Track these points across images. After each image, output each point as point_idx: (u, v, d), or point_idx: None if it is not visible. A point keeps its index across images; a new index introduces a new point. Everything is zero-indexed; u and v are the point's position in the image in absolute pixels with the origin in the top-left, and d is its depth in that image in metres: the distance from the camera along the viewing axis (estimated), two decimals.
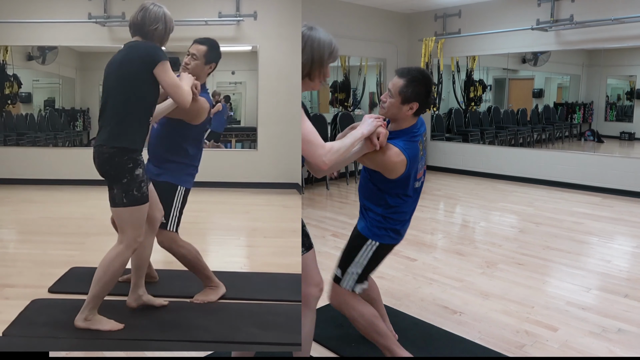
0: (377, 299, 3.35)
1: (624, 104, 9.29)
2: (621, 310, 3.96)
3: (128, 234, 2.99)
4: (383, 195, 2.87)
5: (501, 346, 3.38)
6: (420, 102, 2.74)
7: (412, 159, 2.76)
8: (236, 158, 8.74)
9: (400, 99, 2.72)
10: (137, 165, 2.96)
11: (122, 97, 2.94)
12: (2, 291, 3.75)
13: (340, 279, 2.97)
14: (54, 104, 9.18)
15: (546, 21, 8.75)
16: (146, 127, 3.03)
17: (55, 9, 8.18)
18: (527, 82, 10.41)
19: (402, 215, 2.92)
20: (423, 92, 2.73)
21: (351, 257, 2.94)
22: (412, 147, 2.77)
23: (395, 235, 2.94)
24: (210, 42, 3.41)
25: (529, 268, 4.84)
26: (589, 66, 9.33)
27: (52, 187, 8.14)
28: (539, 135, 10.15)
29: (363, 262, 2.92)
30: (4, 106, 8.61)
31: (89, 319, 3.03)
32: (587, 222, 6.57)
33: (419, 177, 2.91)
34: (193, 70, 3.33)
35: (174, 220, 3.45)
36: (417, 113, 2.79)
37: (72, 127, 9.11)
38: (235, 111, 9.35)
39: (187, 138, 3.44)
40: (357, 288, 2.98)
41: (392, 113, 2.79)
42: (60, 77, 9.14)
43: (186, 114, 3.30)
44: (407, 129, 2.81)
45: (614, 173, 8.35)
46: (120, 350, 2.97)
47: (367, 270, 2.96)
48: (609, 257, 5.19)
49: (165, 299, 3.53)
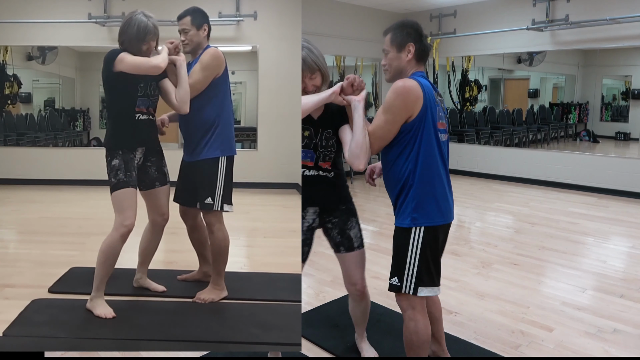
0: (439, 318, 3.03)
1: (620, 104, 9.30)
2: (616, 310, 3.98)
3: (115, 218, 3.22)
4: (405, 161, 2.56)
5: (497, 346, 3.40)
6: (415, 42, 2.58)
7: (428, 90, 2.51)
8: (236, 158, 8.69)
9: (394, 48, 2.61)
10: (114, 157, 3.24)
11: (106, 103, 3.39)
12: (2, 291, 3.77)
13: (398, 286, 2.63)
14: (54, 104, 9.17)
15: (541, 21, 8.80)
16: (123, 127, 3.29)
17: (55, 9, 8.18)
18: (523, 82, 10.44)
19: (432, 182, 2.56)
20: (413, 32, 2.59)
21: (401, 258, 2.61)
22: (423, 80, 2.56)
23: (436, 211, 2.57)
24: (190, 10, 3.46)
25: (525, 268, 4.87)
26: (585, 66, 9.35)
27: (52, 187, 8.15)
28: (534, 135, 10.17)
29: (415, 258, 2.58)
30: (4, 106, 8.62)
31: (92, 299, 3.29)
32: (583, 223, 6.60)
33: (441, 127, 2.59)
34: (191, 42, 3.42)
35: (218, 199, 3.43)
36: (418, 57, 2.61)
37: (72, 127, 9.11)
38: (235, 111, 9.36)
39: (204, 103, 3.43)
40: (423, 291, 2.61)
41: (395, 68, 2.63)
42: (60, 77, 9.13)
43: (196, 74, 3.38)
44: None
45: (610, 173, 8.39)
46: (124, 350, 3.00)
47: (425, 266, 2.59)
48: (604, 258, 5.22)
49: (166, 299, 3.57)
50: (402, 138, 2.53)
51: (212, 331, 3.16)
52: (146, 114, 3.33)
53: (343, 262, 2.97)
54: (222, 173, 3.43)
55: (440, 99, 2.65)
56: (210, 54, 3.38)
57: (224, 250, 3.51)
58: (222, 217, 3.49)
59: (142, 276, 3.71)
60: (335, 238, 2.92)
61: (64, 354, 3.11)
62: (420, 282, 2.58)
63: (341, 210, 2.90)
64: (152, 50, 3.27)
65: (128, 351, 3.04)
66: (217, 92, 3.43)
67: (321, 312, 3.90)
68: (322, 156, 2.78)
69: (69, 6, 8.21)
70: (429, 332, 2.68)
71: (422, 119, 2.49)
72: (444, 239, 2.71)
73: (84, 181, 8.23)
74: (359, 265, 2.96)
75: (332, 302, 4.11)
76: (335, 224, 2.90)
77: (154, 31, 3.22)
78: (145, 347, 2.99)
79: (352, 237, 2.91)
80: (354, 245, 2.91)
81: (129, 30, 3.18)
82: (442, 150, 2.60)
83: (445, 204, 2.61)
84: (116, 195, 3.21)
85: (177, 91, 3.31)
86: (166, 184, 3.55)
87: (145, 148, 3.41)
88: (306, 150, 2.78)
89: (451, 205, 2.68)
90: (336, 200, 2.91)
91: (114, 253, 3.23)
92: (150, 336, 3.08)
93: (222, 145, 3.44)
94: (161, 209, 3.53)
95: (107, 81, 3.22)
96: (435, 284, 2.63)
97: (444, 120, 2.63)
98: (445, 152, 2.65)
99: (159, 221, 3.55)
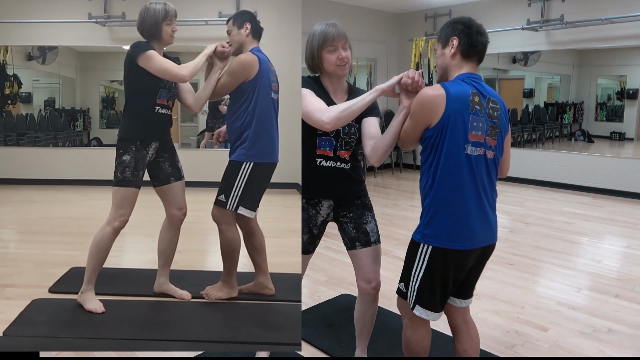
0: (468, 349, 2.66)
1: (614, 104, 9.33)
2: (611, 310, 4.00)
3: (110, 211, 3.27)
4: (428, 170, 2.36)
5: (491, 346, 3.41)
6: (459, 36, 2.35)
7: (457, 96, 2.26)
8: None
9: (440, 44, 2.43)
10: (126, 152, 3.27)
11: (125, 93, 3.35)
12: (3, 291, 3.77)
13: (404, 292, 2.50)
14: (54, 104, 9.18)
15: (536, 21, 8.82)
16: (142, 118, 3.31)
17: (55, 9, 8.20)
18: (518, 82, 10.45)
19: (450, 202, 2.30)
20: (459, 27, 2.37)
21: (407, 268, 2.46)
22: (459, 86, 2.31)
23: (449, 234, 2.31)
24: (233, 14, 3.46)
25: (520, 268, 4.89)
26: (580, 66, 9.39)
27: (52, 187, 8.16)
28: (529, 135, 10.19)
29: (419, 274, 2.40)
30: (4, 106, 8.64)
31: (82, 293, 3.35)
32: (578, 222, 6.64)
33: (475, 139, 2.28)
34: (234, 42, 3.38)
35: (234, 200, 3.36)
36: (464, 54, 2.37)
37: (72, 127, 9.12)
38: None
39: (236, 109, 3.36)
40: (419, 311, 2.44)
41: (441, 66, 2.45)
42: (61, 77, 9.15)
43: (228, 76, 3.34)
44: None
45: (605, 173, 8.43)
46: (125, 350, 3.02)
47: (428, 286, 2.39)
48: (599, 257, 5.25)
49: (166, 299, 3.58)
50: (426, 145, 2.35)
51: (211, 331, 3.16)
52: (165, 107, 3.36)
53: (358, 259, 2.84)
54: (243, 177, 3.33)
55: (489, 106, 2.33)
56: (238, 59, 3.29)
57: (232, 251, 3.46)
58: (233, 219, 3.41)
59: (165, 281, 3.65)
60: (351, 233, 2.81)
61: (57, 354, 3.11)
62: (420, 300, 2.42)
63: (356, 205, 2.81)
64: (176, 31, 3.31)
65: (128, 351, 3.05)
66: (247, 97, 3.31)
67: (316, 312, 3.91)
68: (343, 144, 2.70)
69: (69, 6, 8.23)
70: (425, 343, 2.55)
71: (442, 130, 2.26)
72: (459, 267, 2.39)
73: (84, 181, 8.26)
74: (375, 262, 2.84)
75: (327, 301, 4.12)
76: (350, 219, 2.81)
77: (173, 11, 3.27)
78: (145, 346, 3.00)
79: (369, 231, 2.81)
80: (370, 240, 2.81)
81: (147, 16, 3.22)
82: (472, 166, 2.28)
83: (466, 229, 2.31)
84: (118, 191, 3.25)
85: (199, 91, 3.36)
86: (181, 179, 3.55)
87: (159, 143, 3.43)
88: (325, 138, 2.68)
89: (478, 231, 2.34)
90: (352, 194, 2.81)
91: (105, 246, 3.28)
92: (150, 336, 3.08)
93: (249, 151, 3.31)
94: (178, 202, 3.53)
95: (129, 72, 3.25)
96: (434, 309, 2.42)
97: (482, 133, 2.29)
98: (481, 170, 2.31)
99: (178, 215, 3.54)
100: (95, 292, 3.38)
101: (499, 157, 2.42)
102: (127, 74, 3.27)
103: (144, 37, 3.27)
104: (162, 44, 3.32)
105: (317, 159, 2.72)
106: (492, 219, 2.40)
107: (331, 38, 2.62)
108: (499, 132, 2.37)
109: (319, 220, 2.82)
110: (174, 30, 3.30)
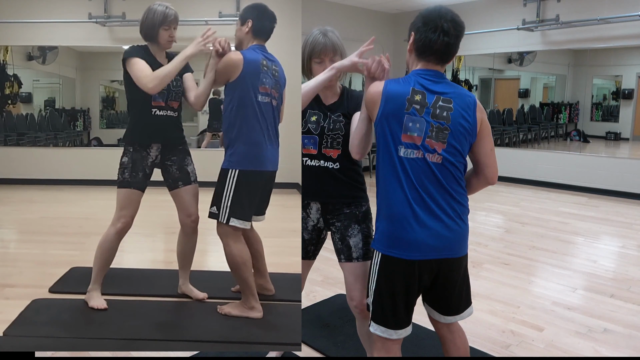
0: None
1: (610, 104, 9.38)
2: (607, 310, 3.99)
3: (114, 214, 3.32)
4: (377, 171, 2.25)
5: (487, 346, 3.40)
6: (415, 31, 2.21)
7: (393, 94, 2.11)
8: None
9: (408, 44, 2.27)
10: (125, 154, 3.32)
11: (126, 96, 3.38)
12: (3, 291, 3.77)
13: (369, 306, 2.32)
14: (54, 104, 9.19)
15: (532, 21, 8.83)
16: (139, 120, 3.33)
17: (55, 9, 8.20)
18: (513, 82, 10.48)
19: (389, 203, 2.14)
20: (417, 21, 2.21)
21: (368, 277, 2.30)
22: (399, 84, 2.15)
23: (388, 239, 2.14)
24: (243, 8, 3.29)
25: (515, 268, 4.89)
26: (575, 66, 9.41)
27: (52, 187, 8.16)
28: (524, 135, 10.21)
29: (372, 283, 2.23)
30: (4, 106, 8.64)
31: (89, 292, 3.39)
32: (573, 222, 6.65)
33: (409, 141, 2.08)
34: (235, 37, 3.24)
35: (224, 211, 3.16)
36: (419, 51, 2.21)
37: (72, 127, 9.13)
38: None
39: (224, 112, 3.23)
40: (374, 327, 2.25)
41: (406, 60, 2.36)
42: (61, 77, 9.16)
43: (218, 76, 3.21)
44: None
45: (600, 173, 8.44)
46: (125, 350, 3.03)
47: (377, 299, 2.22)
48: (594, 257, 5.25)
49: (166, 299, 3.59)
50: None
51: (211, 331, 3.15)
52: (165, 108, 3.31)
53: (343, 272, 2.68)
54: (230, 185, 3.12)
55: (437, 105, 2.10)
56: (224, 58, 3.12)
57: (236, 266, 3.22)
58: (233, 233, 3.19)
59: (184, 282, 3.61)
60: (337, 244, 2.66)
61: (53, 354, 3.12)
62: (374, 315, 2.24)
63: (345, 214, 2.61)
64: (174, 37, 3.30)
65: (128, 351, 3.06)
66: (231, 99, 3.14)
67: (311, 311, 3.89)
68: (328, 141, 2.56)
69: (69, 6, 8.23)
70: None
71: (378, 129, 2.15)
72: (408, 278, 2.15)
73: (84, 181, 8.27)
74: (357, 280, 2.60)
75: (322, 301, 4.11)
76: (338, 229, 2.63)
77: (173, 17, 3.25)
78: (145, 346, 3.00)
79: (352, 246, 2.60)
80: (352, 255, 2.60)
81: (147, 18, 3.23)
82: (407, 170, 2.08)
83: (406, 236, 2.09)
84: (119, 192, 3.30)
85: (198, 89, 3.32)
86: (190, 183, 3.46)
87: (162, 145, 3.38)
88: (309, 136, 2.59)
89: (424, 241, 2.09)
90: (340, 198, 2.62)
91: (110, 248, 3.30)
92: (150, 336, 3.08)
93: (233, 157, 3.14)
94: (187, 209, 3.44)
95: (125, 75, 3.26)
96: (387, 326, 2.23)
97: (420, 134, 2.08)
98: (420, 175, 2.08)
99: (187, 222, 3.45)
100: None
101: (459, 160, 2.14)
102: (124, 76, 3.29)
103: (143, 39, 3.30)
104: (161, 48, 3.32)
105: (303, 158, 2.63)
106: (449, 230, 2.12)
107: (318, 51, 2.59)
108: (451, 134, 2.09)
109: (310, 224, 2.73)
110: (172, 36, 3.27)
